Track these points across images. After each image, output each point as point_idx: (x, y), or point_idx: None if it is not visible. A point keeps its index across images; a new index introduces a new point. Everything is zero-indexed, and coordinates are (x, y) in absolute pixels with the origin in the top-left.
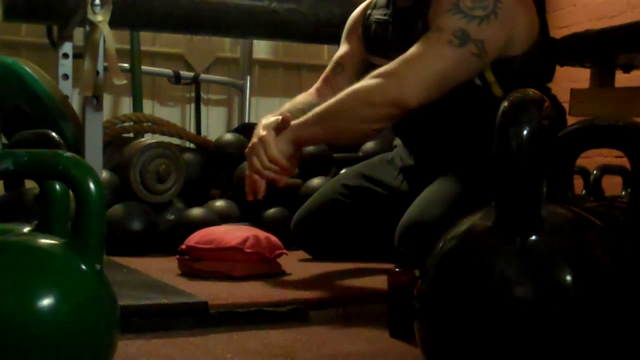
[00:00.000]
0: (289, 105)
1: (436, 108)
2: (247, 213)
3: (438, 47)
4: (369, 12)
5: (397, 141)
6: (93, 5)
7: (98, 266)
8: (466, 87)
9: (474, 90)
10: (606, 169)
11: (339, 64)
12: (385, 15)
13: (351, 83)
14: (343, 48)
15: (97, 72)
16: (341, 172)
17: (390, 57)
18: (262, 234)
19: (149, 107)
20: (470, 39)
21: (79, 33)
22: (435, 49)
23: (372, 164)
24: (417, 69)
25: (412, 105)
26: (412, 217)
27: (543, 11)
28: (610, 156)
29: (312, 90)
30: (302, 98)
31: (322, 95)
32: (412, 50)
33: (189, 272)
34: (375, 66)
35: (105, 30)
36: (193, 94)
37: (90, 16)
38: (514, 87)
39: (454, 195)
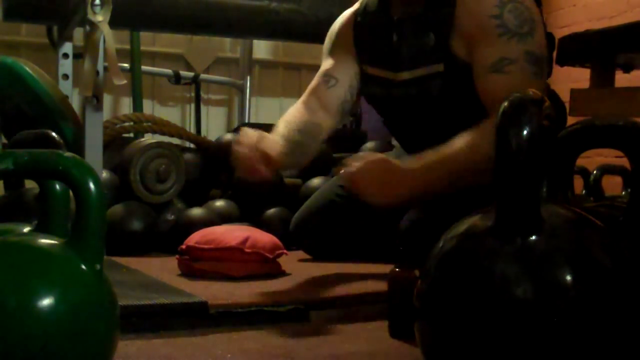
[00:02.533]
0: (283, 126)
1: (447, 122)
2: (247, 213)
3: (534, 85)
4: (358, 19)
5: (395, 142)
6: (93, 5)
7: (98, 266)
8: (476, 100)
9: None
10: (606, 169)
11: (331, 77)
12: (385, 23)
13: (347, 97)
14: (330, 61)
15: (97, 72)
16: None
17: (396, 69)
18: (262, 234)
19: (149, 107)
20: (542, 60)
21: (79, 33)
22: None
23: None
24: None
25: None
26: (412, 217)
27: (540, 7)
28: (610, 156)
29: (299, 105)
30: (296, 117)
31: (311, 110)
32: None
33: (189, 272)
34: (372, 77)
35: (105, 30)
36: (193, 94)
37: (90, 16)
38: None
39: (454, 196)
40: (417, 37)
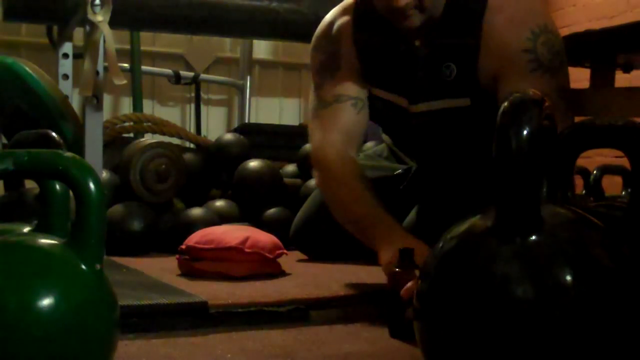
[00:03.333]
0: (384, 218)
1: (464, 147)
2: (247, 213)
3: (566, 121)
4: (359, 35)
5: (386, 138)
6: (93, 5)
7: (98, 266)
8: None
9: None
10: (606, 169)
11: (357, 98)
12: (396, 47)
13: (367, 123)
14: (343, 78)
15: (97, 72)
16: None
17: (411, 99)
18: (262, 234)
19: (149, 107)
20: (570, 94)
21: (79, 33)
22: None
23: (371, 165)
24: None
25: None
26: (411, 217)
27: None
28: (610, 156)
29: (345, 157)
30: (366, 183)
31: (354, 160)
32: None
33: (189, 272)
34: (380, 100)
35: (105, 30)
36: (193, 94)
37: (90, 16)
38: None
39: (453, 196)
40: (436, 67)
